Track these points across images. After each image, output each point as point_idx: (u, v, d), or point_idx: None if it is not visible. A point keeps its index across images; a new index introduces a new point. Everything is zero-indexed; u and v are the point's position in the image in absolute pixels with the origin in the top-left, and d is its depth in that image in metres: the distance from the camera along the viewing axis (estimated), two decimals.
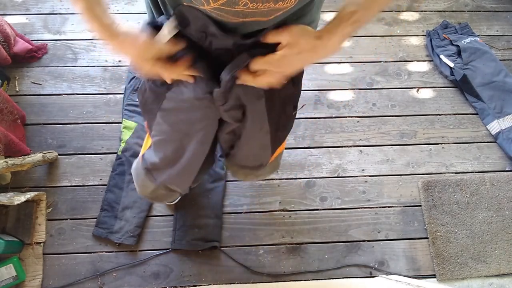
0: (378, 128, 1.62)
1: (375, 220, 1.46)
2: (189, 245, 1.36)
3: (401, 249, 1.43)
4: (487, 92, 1.63)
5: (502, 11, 1.88)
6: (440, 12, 1.87)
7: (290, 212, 1.46)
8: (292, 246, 1.41)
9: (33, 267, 1.32)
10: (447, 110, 1.67)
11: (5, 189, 1.40)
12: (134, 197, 1.42)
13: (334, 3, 1.83)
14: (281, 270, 1.38)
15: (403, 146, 1.60)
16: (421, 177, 1.54)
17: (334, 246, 1.42)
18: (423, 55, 1.77)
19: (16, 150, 1.35)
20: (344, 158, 1.56)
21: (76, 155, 1.49)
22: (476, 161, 1.58)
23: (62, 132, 1.52)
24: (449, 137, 1.62)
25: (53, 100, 1.58)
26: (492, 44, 1.79)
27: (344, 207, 1.48)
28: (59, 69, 1.63)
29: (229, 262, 1.38)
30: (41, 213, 1.38)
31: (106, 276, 1.34)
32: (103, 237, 1.36)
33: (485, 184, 1.52)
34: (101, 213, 1.40)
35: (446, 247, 1.41)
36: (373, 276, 1.38)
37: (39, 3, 1.75)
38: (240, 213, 1.45)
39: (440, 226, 1.44)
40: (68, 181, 1.45)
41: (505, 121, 1.59)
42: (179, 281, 1.34)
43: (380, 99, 1.67)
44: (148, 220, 1.41)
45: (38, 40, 1.67)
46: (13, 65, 1.58)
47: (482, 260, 1.41)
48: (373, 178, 1.53)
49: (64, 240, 1.37)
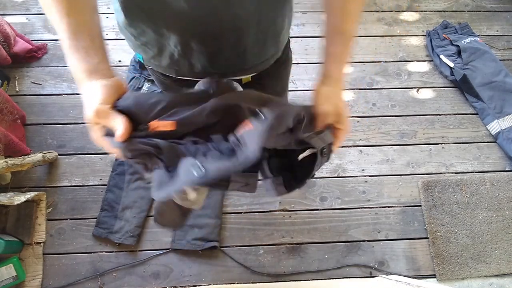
0: (378, 128, 1.62)
1: (375, 220, 1.46)
2: (189, 245, 1.36)
3: (401, 249, 1.43)
4: (487, 92, 1.63)
5: (502, 11, 1.88)
6: (440, 12, 1.87)
7: (290, 212, 1.46)
8: (292, 246, 1.41)
9: (33, 267, 1.32)
10: (447, 110, 1.67)
11: (5, 189, 1.40)
12: (134, 197, 1.42)
13: None
14: (281, 270, 1.38)
15: (403, 146, 1.60)
16: (421, 177, 1.54)
17: (334, 246, 1.42)
18: (423, 55, 1.77)
19: (16, 150, 1.35)
20: (344, 158, 1.56)
21: (76, 155, 1.49)
22: (476, 161, 1.58)
23: (62, 132, 1.52)
24: (449, 137, 1.62)
25: (53, 100, 1.58)
26: (492, 44, 1.79)
27: (344, 207, 1.48)
28: (59, 69, 1.63)
29: (229, 262, 1.38)
30: (41, 213, 1.38)
31: (106, 276, 1.33)
32: (103, 237, 1.36)
33: (485, 184, 1.52)
34: (101, 213, 1.40)
35: (446, 247, 1.41)
36: (373, 276, 1.38)
37: (39, 3, 1.75)
38: (240, 213, 1.45)
39: (440, 226, 1.44)
40: (68, 181, 1.45)
41: (505, 121, 1.59)
42: (179, 281, 1.34)
43: (380, 99, 1.67)
44: (148, 220, 1.41)
45: (38, 40, 1.67)
46: (13, 65, 1.58)
47: (482, 260, 1.41)
48: (373, 178, 1.53)
49: (64, 240, 1.37)
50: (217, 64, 0.65)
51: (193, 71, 0.67)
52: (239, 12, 0.55)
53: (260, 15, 0.59)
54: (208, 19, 0.55)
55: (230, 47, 0.62)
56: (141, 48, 0.65)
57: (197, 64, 0.65)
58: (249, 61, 0.67)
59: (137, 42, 0.64)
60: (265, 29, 0.63)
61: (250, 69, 0.70)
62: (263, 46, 0.66)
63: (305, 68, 1.71)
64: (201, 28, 0.57)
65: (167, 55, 0.64)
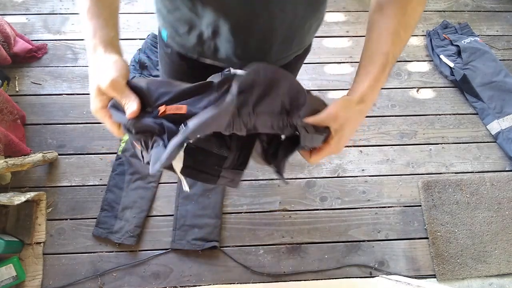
0: (378, 128, 1.62)
1: (375, 220, 1.46)
2: (189, 245, 1.36)
3: (401, 249, 1.43)
4: (487, 92, 1.63)
5: (502, 11, 1.88)
6: (440, 12, 1.87)
7: (290, 212, 1.46)
8: (292, 246, 1.41)
9: (33, 267, 1.32)
10: (447, 110, 1.67)
11: (5, 189, 1.40)
12: (134, 197, 1.42)
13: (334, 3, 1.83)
14: (281, 270, 1.38)
15: (403, 146, 1.60)
16: (421, 177, 1.54)
17: (334, 246, 1.42)
18: (423, 55, 1.77)
19: (16, 150, 1.35)
20: (344, 158, 1.56)
21: (76, 155, 1.49)
22: (476, 161, 1.58)
23: (62, 132, 1.52)
24: (449, 137, 1.62)
25: (53, 100, 1.58)
26: (492, 44, 1.79)
27: (344, 207, 1.48)
28: (59, 69, 1.63)
29: (229, 262, 1.38)
30: (41, 213, 1.38)
31: (106, 276, 1.33)
32: (103, 237, 1.36)
33: (485, 184, 1.52)
34: (101, 213, 1.40)
35: (446, 247, 1.41)
36: (373, 276, 1.38)
37: (39, 3, 1.75)
38: (240, 213, 1.45)
39: (440, 226, 1.44)
40: (68, 181, 1.45)
41: (505, 121, 1.59)
42: (179, 281, 1.34)
43: (380, 99, 1.67)
44: (148, 220, 1.41)
45: (38, 40, 1.67)
46: (13, 65, 1.58)
47: (482, 260, 1.41)
48: (373, 178, 1.53)
49: (64, 240, 1.37)
50: (241, 54, 0.64)
51: (216, 56, 0.66)
52: (275, 10, 0.55)
53: (294, 17, 0.59)
54: (245, 9, 0.55)
55: (257, 41, 0.62)
56: (170, 23, 0.65)
57: (222, 50, 0.64)
58: (272, 56, 0.68)
59: (168, 17, 0.64)
60: (294, 30, 0.63)
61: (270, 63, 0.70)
62: (289, 45, 0.67)
63: (305, 68, 1.71)
64: (236, 16, 0.56)
65: (196, 34, 0.63)
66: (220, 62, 0.69)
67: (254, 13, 0.55)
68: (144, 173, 1.46)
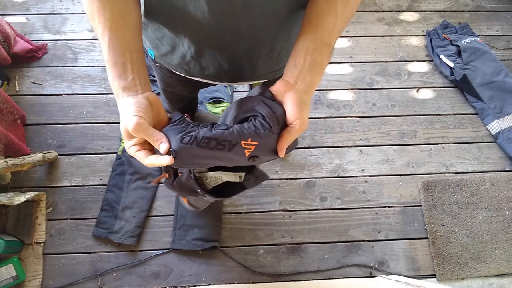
0: (378, 128, 1.62)
1: (375, 220, 1.46)
2: (189, 245, 1.36)
3: (401, 249, 1.43)
4: (487, 92, 1.63)
5: (502, 11, 1.88)
6: (440, 12, 1.87)
7: (290, 212, 1.46)
8: (292, 246, 1.41)
9: (33, 267, 1.32)
10: (447, 110, 1.67)
11: (5, 189, 1.40)
12: (134, 197, 1.42)
13: None
14: (281, 270, 1.38)
15: (403, 146, 1.60)
16: (421, 177, 1.54)
17: (334, 246, 1.42)
18: (423, 55, 1.77)
19: (16, 150, 1.35)
20: (344, 158, 1.56)
21: (76, 155, 1.49)
22: (476, 161, 1.58)
23: (62, 132, 1.52)
24: (449, 137, 1.62)
25: (53, 100, 1.58)
26: (492, 44, 1.79)
27: (344, 207, 1.48)
28: (59, 69, 1.63)
29: (229, 262, 1.38)
30: (41, 213, 1.38)
31: (106, 276, 1.33)
32: (103, 237, 1.36)
33: (485, 184, 1.52)
34: (101, 213, 1.40)
35: (446, 247, 1.41)
36: (373, 276, 1.38)
37: (39, 3, 1.75)
38: (240, 213, 1.45)
39: (440, 226, 1.44)
40: (68, 181, 1.45)
41: (505, 121, 1.59)
42: (179, 281, 1.34)
43: (380, 99, 1.67)
44: (148, 220, 1.41)
45: (38, 40, 1.67)
46: (13, 65, 1.58)
47: (482, 260, 1.41)
48: (373, 178, 1.53)
49: (64, 240, 1.37)
50: (229, 69, 0.65)
51: (204, 73, 0.67)
52: (258, 23, 0.55)
53: (279, 27, 0.58)
54: (227, 29, 0.55)
55: (243, 56, 0.62)
56: (154, 42, 0.66)
57: (209, 67, 0.65)
58: (261, 69, 0.67)
59: (151, 35, 0.64)
60: (281, 41, 0.62)
61: (260, 76, 0.70)
62: (278, 56, 0.66)
63: None
64: (218, 36, 0.56)
65: (179, 54, 0.64)
66: (209, 80, 0.69)
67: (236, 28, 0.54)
68: (144, 173, 1.46)
